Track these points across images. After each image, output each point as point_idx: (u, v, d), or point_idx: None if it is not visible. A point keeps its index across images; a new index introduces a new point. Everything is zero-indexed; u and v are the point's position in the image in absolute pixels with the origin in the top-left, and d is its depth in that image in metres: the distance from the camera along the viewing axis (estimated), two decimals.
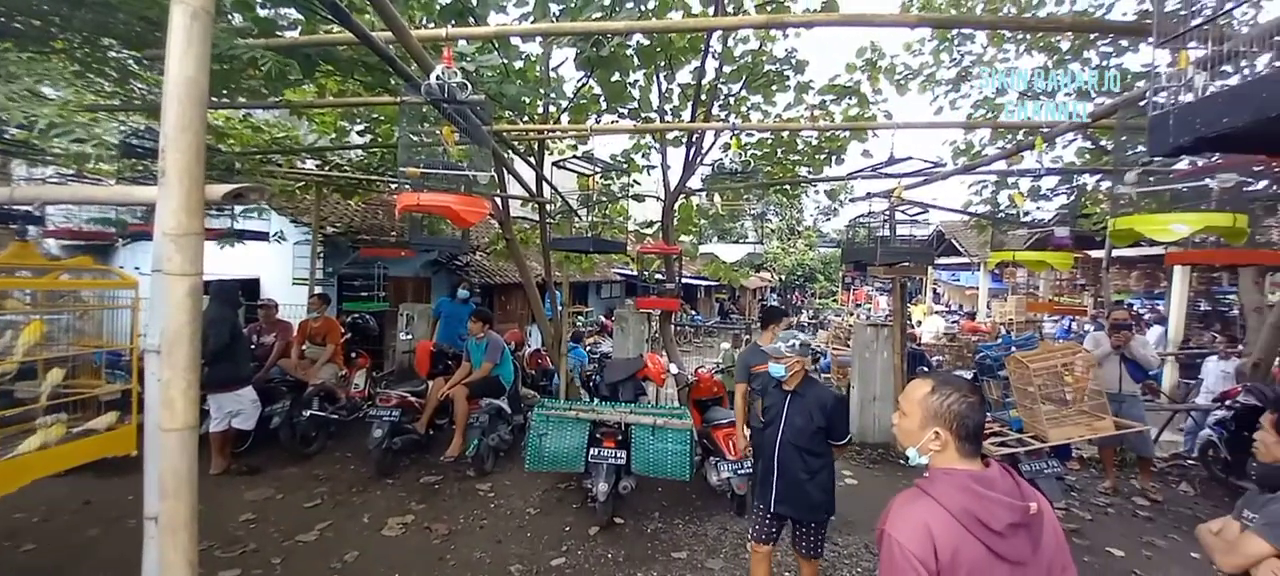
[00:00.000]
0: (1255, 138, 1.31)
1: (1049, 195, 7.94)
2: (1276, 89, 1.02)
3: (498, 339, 5.41)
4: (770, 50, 6.03)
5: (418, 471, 5.19)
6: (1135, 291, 14.03)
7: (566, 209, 6.61)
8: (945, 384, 1.42)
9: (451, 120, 2.67)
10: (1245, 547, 1.80)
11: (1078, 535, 4.43)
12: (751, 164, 6.44)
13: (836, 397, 3.07)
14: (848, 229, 6.68)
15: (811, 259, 30.01)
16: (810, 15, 3.56)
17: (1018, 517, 1.28)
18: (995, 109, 7.97)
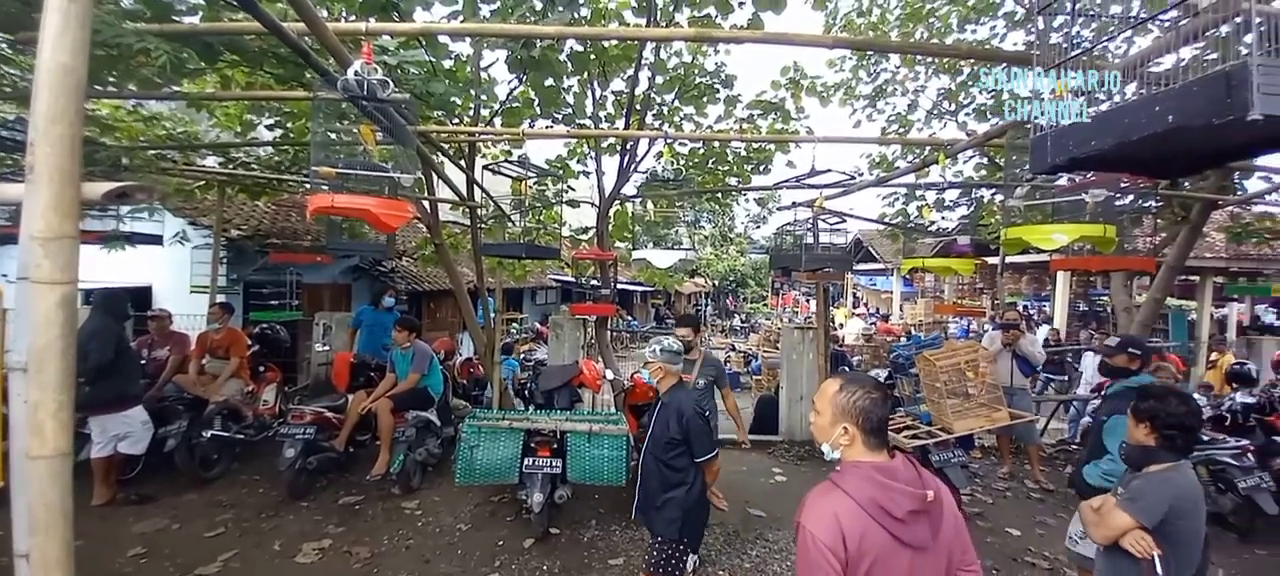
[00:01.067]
0: (1119, 158, 1.49)
1: (952, 206, 8.66)
2: (1135, 116, 1.17)
3: (425, 348, 5.18)
4: (701, 64, 6.21)
5: (336, 492, 4.86)
6: (1026, 294, 15.55)
7: (499, 213, 6.46)
8: (852, 382, 1.52)
9: (372, 118, 2.54)
10: (1112, 520, 2.03)
11: (981, 518, 4.83)
12: (683, 172, 6.58)
13: (694, 409, 2.82)
14: (775, 236, 6.96)
15: (743, 265, 30.99)
16: (737, 32, 3.69)
17: (918, 505, 1.38)
18: (906, 125, 8.62)
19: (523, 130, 4.11)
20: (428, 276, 10.94)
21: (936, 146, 4.52)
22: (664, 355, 2.91)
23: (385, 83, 2.38)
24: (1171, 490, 1.95)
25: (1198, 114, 0.99)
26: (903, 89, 8.71)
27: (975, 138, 4.30)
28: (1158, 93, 1.13)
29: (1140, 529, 1.96)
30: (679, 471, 2.82)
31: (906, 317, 16.84)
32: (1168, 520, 1.93)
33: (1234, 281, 10.43)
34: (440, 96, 4.58)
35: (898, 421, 5.30)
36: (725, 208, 26.11)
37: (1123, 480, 2.18)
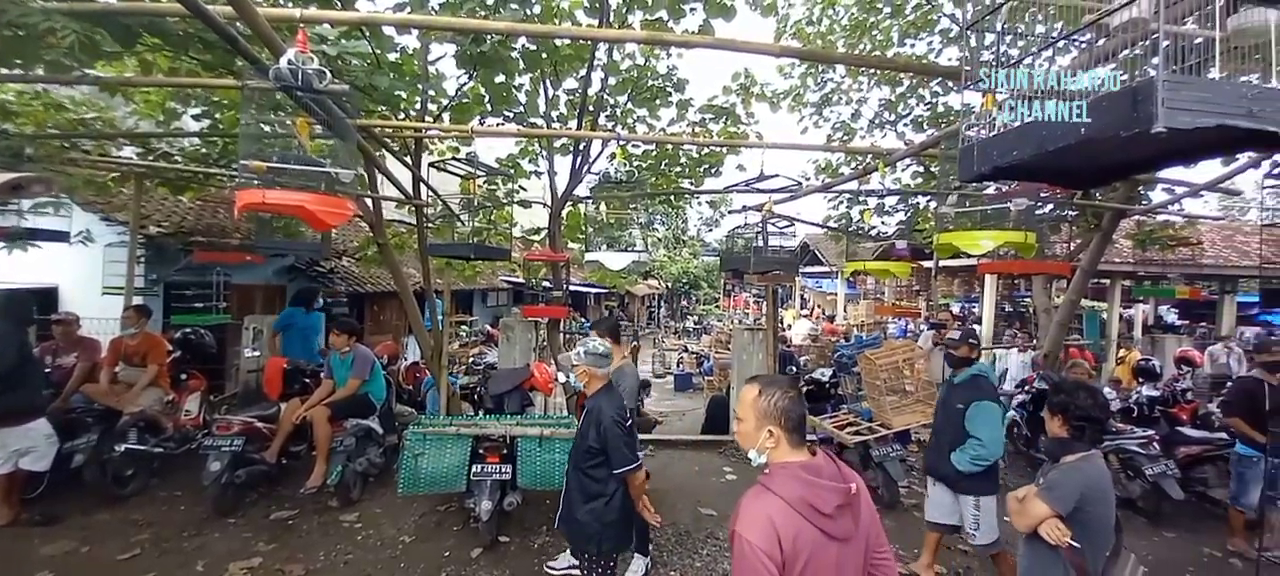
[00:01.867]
0: (1038, 168, 1.60)
1: (891, 212, 9.07)
2: (1054, 128, 1.25)
3: (366, 352, 4.96)
4: (654, 66, 6.26)
5: (268, 507, 4.58)
6: (958, 295, 16.46)
7: (448, 213, 6.28)
8: (770, 384, 1.56)
9: (309, 111, 2.41)
10: (1032, 509, 2.17)
11: (917, 508, 5.06)
12: (636, 174, 6.60)
13: (614, 417, 2.66)
14: (727, 239, 7.09)
15: (696, 267, 31.38)
16: (688, 36, 3.73)
17: (843, 499, 1.44)
18: (850, 133, 8.97)
19: (472, 127, 4.00)
20: (370, 277, 10.50)
21: (877, 154, 4.73)
22: (589, 358, 2.79)
23: (322, 73, 2.27)
24: (1083, 479, 2.10)
25: (1108, 126, 1.07)
26: (847, 98, 9.07)
27: (912, 147, 4.53)
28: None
29: (1056, 517, 2.10)
30: (598, 482, 2.69)
31: (850, 319, 17.51)
32: (1080, 507, 2.08)
33: (1140, 284, 11.40)
34: (384, 90, 4.41)
35: (841, 419, 5.50)
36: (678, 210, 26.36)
37: (1042, 470, 2.33)
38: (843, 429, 5.17)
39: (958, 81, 1.75)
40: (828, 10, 8.38)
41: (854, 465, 5.30)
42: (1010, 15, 1.58)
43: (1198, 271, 11.28)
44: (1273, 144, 1.12)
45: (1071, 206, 6.45)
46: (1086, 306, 12.10)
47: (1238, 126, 1.03)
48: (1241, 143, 1.21)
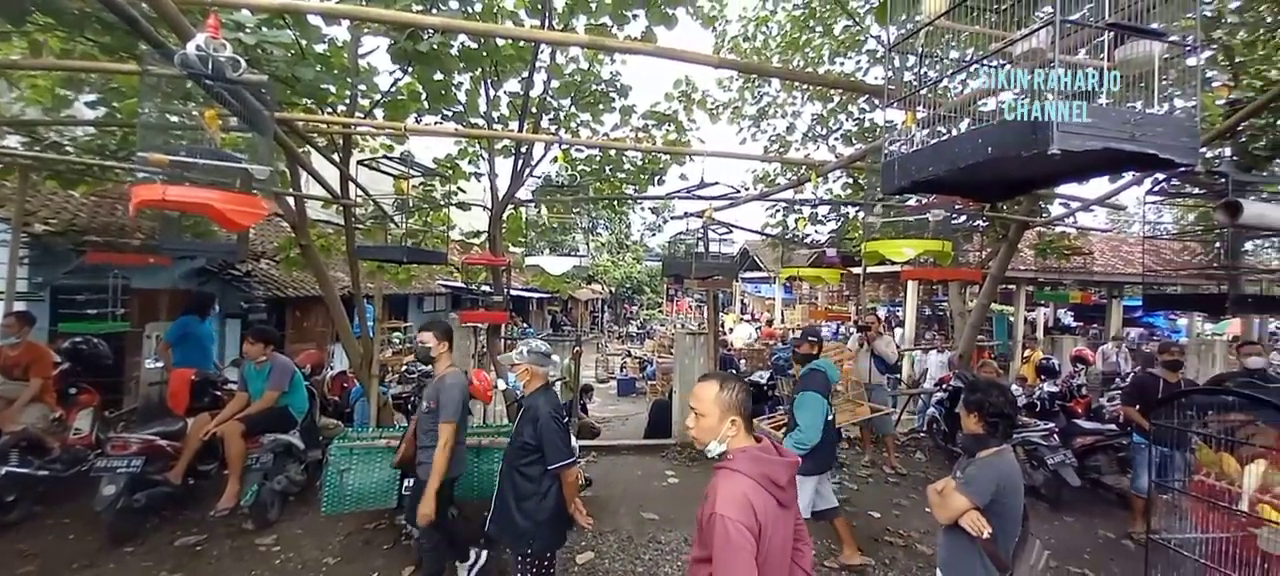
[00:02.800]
0: (952, 183, 1.72)
1: (824, 221, 9.49)
2: (963, 146, 1.35)
3: (285, 362, 4.64)
4: (598, 71, 6.25)
5: (172, 532, 4.19)
6: (884, 300, 17.43)
7: (379, 214, 5.99)
8: (727, 380, 1.70)
9: (221, 101, 2.24)
10: (951, 502, 2.32)
11: (848, 503, 5.29)
12: (579, 178, 6.56)
13: (550, 414, 2.70)
14: (669, 245, 7.17)
15: (639, 272, 31.57)
16: (630, 43, 3.76)
17: (792, 472, 1.67)
18: (785, 145, 9.32)
19: (406, 125, 3.84)
20: (293, 281, 9.85)
21: (810, 166, 4.93)
22: (531, 356, 2.81)
23: (236, 61, 2.11)
24: (997, 472, 2.27)
25: (1011, 146, 1.17)
26: (783, 111, 9.43)
27: (842, 160, 4.76)
28: (981, 127, 1.32)
29: (975, 509, 2.25)
30: (532, 481, 2.69)
31: (787, 323, 18.15)
32: (996, 498, 2.24)
33: (1041, 289, 12.50)
34: (309, 83, 4.18)
35: (778, 419, 5.67)
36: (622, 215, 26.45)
37: (959, 465, 2.49)
38: (779, 429, 5.33)
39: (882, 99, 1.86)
40: (762, 27, 8.69)
41: None
42: (928, 39, 1.69)
43: (1089, 278, 12.51)
44: (1153, 165, 1.26)
45: (982, 218, 7.00)
46: (996, 310, 13.14)
47: (1122, 149, 1.15)
48: (1126, 163, 1.36)
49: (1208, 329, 13.47)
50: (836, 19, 7.89)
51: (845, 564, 4.03)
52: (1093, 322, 15.34)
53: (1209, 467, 2.08)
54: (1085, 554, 4.41)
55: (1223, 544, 1.90)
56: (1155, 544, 1.86)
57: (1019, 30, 1.37)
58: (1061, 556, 4.27)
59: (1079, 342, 9.92)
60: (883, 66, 8.05)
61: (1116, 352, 9.26)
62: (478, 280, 6.76)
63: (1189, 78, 1.27)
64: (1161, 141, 1.15)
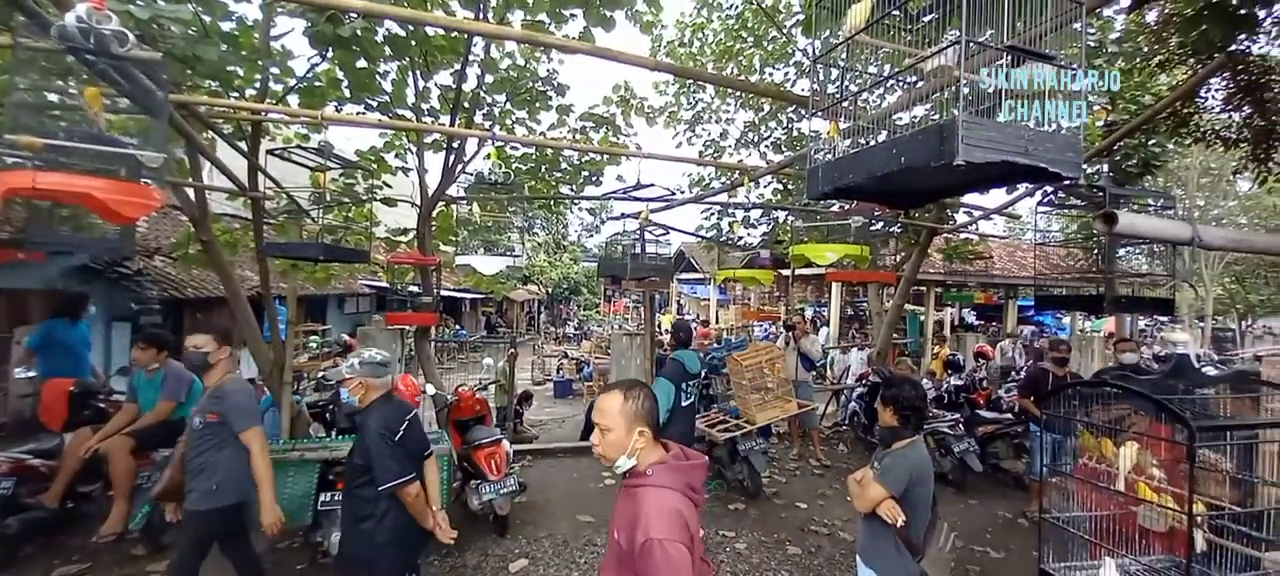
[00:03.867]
0: (870, 190, 1.82)
1: (756, 224, 9.82)
2: (879, 156, 1.44)
3: (181, 369, 4.21)
4: (534, 69, 6.13)
5: (50, 562, 3.70)
6: (811, 301, 18.27)
7: (294, 208, 5.57)
8: (631, 388, 1.60)
9: (108, 80, 2.01)
10: (870, 492, 2.46)
11: (778, 496, 5.50)
12: (513, 176, 6.42)
13: (378, 430, 2.45)
14: (606, 245, 7.16)
15: (577, 272, 31.33)
16: (568, 41, 3.71)
17: (704, 474, 1.66)
18: (719, 150, 9.57)
19: (323, 114, 3.59)
20: (192, 280, 8.99)
21: (743, 171, 5.08)
22: (365, 368, 2.57)
23: (123, 36, 1.90)
24: (910, 463, 2.43)
25: (921, 157, 1.25)
26: (717, 117, 9.69)
27: (772, 166, 4.95)
28: (896, 139, 1.41)
29: (891, 498, 2.40)
30: (367, 502, 2.47)
31: (721, 323, 18.63)
32: (909, 487, 2.40)
33: (948, 291, 13.56)
34: (213, 64, 3.84)
35: (712, 417, 5.81)
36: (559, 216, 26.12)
37: (876, 456, 2.65)
38: (713, 426, 5.46)
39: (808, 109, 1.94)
40: (698, 33, 8.89)
41: (723, 461, 5.63)
42: (850, 54, 1.79)
43: (989, 280, 13.72)
44: (1043, 177, 1.40)
45: (897, 224, 7.49)
46: (909, 310, 14.11)
47: (1017, 161, 1.26)
48: (1020, 175, 1.49)
49: (1088, 326, 15.12)
50: (767, 31, 8.19)
51: None
52: (992, 321, 16.82)
53: (1091, 452, 2.33)
54: (987, 534, 4.81)
55: (1106, 520, 2.12)
56: (1047, 522, 2.05)
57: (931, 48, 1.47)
58: (966, 536, 4.64)
59: (981, 340, 10.83)
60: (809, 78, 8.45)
61: (1013, 348, 10.21)
62: (405, 280, 6.45)
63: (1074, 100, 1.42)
64: (1050, 156, 1.28)
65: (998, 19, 1.31)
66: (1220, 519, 1.96)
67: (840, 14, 1.83)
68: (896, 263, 8.92)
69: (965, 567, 4.16)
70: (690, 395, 4.28)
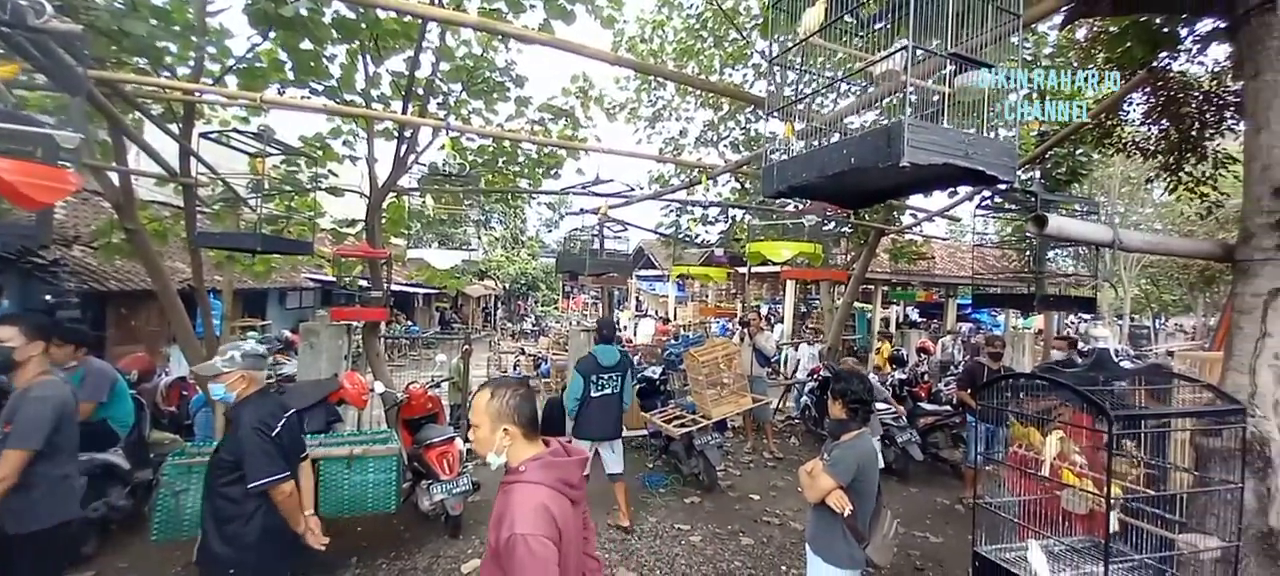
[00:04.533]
0: (820, 189, 1.88)
1: (713, 222, 9.96)
2: (830, 156, 1.48)
3: (103, 367, 3.92)
4: (492, 59, 5.99)
5: None
6: (766, 298, 18.68)
7: (231, 196, 5.26)
8: (500, 386, 1.64)
9: (21, 53, 1.85)
10: (819, 482, 2.55)
11: (732, 488, 5.61)
12: (468, 168, 6.27)
13: (255, 424, 2.33)
14: (565, 241, 7.09)
15: (534, 268, 30.93)
16: (527, 31, 3.65)
17: (583, 470, 1.67)
18: (679, 148, 9.64)
19: (262, 96, 3.40)
20: (116, 272, 8.38)
21: (702, 169, 5.14)
22: (247, 360, 2.44)
23: (39, 6, 1.75)
24: (857, 454, 2.53)
25: (869, 158, 1.30)
26: (677, 115, 9.75)
27: (730, 164, 5.02)
28: (845, 139, 1.46)
29: (839, 488, 2.49)
30: (234, 501, 2.33)
31: (679, 319, 18.80)
32: (856, 477, 2.50)
33: (894, 289, 14.14)
34: (142, 39, 3.59)
35: (669, 412, 5.86)
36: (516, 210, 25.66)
37: (826, 448, 2.74)
38: (670, 422, 5.51)
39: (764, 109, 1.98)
40: (659, 30, 8.91)
41: (679, 455, 5.69)
42: (805, 56, 1.83)
43: (931, 280, 14.38)
44: (981, 180, 1.47)
45: (848, 224, 7.75)
46: (858, 307, 14.64)
47: (958, 164, 1.33)
48: (961, 178, 1.57)
49: (1020, 323, 16.08)
50: (727, 32, 8.30)
51: (616, 524, 4.60)
52: (933, 318, 17.67)
53: (1020, 441, 2.48)
54: (927, 520, 5.06)
55: (1033, 505, 2.27)
56: (980, 507, 2.17)
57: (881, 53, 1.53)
58: (907, 523, 4.86)
59: (923, 336, 11.35)
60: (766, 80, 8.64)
61: (953, 344, 10.75)
62: (352, 274, 6.19)
63: (1009, 109, 1.51)
64: (988, 160, 1.35)
65: (943, 28, 1.37)
66: (1135, 501, 2.12)
67: (796, 17, 1.88)
68: (847, 261, 9.23)
69: (907, 552, 4.36)
70: (604, 387, 4.56)
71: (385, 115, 5.09)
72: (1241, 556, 1.84)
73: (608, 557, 4.16)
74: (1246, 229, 1.95)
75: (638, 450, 6.83)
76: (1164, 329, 24.18)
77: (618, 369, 4.66)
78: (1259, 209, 1.90)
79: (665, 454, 6.07)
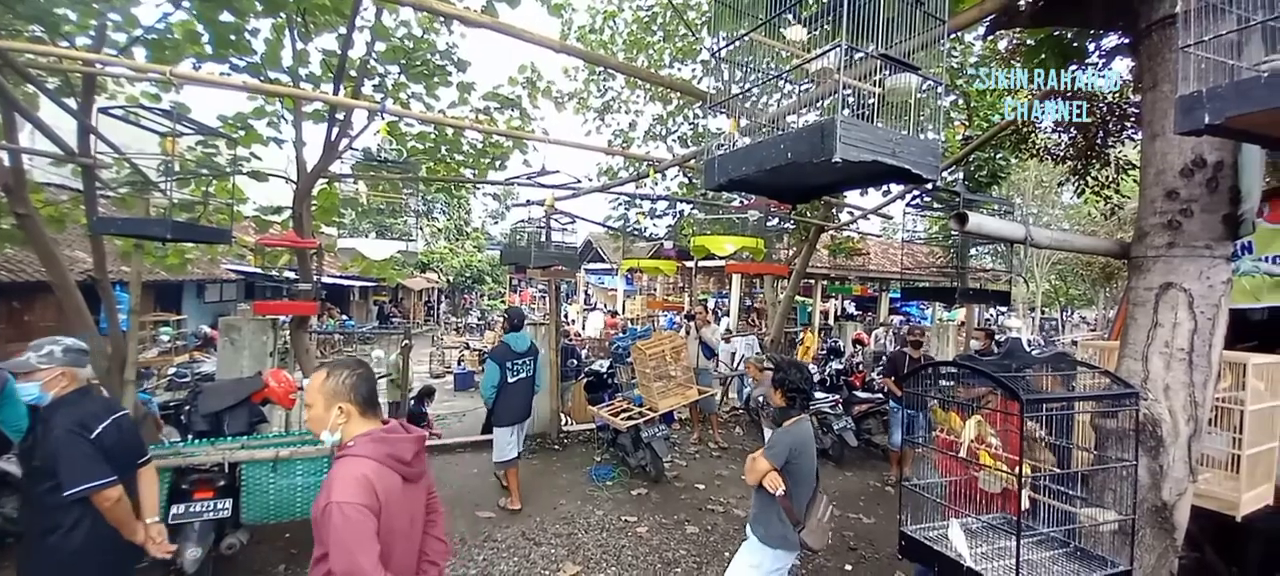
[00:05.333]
0: (762, 184, 1.91)
1: (662, 216, 10.02)
2: (768, 150, 1.51)
3: None
4: (432, 40, 5.75)
5: None
6: (713, 291, 19.02)
7: (139, 179, 4.81)
8: (336, 366, 1.70)
9: None
10: (758, 465, 2.65)
11: (678, 479, 5.68)
12: (405, 155, 6.01)
13: (69, 426, 2.11)
14: (511, 233, 6.94)
15: (480, 261, 30.15)
16: (469, 13, 3.52)
17: (418, 447, 1.72)
18: (628, 141, 9.62)
19: (172, 71, 3.12)
20: (7, 261, 7.54)
21: (650, 162, 5.14)
22: (68, 355, 2.24)
23: None
24: (792, 438, 2.63)
25: (804, 153, 1.34)
26: (627, 108, 9.72)
27: (677, 158, 5.05)
28: (782, 134, 1.49)
29: (775, 470, 2.59)
30: (51, 511, 2.10)
31: (628, 312, 18.85)
32: (791, 460, 2.60)
33: (833, 283, 14.73)
34: (36, 4, 3.23)
35: (616, 405, 5.86)
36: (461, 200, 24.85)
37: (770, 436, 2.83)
38: (617, 415, 5.51)
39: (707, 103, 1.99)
40: (609, 21, 8.84)
41: (626, 448, 5.71)
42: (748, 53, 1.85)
43: (866, 274, 15.06)
44: (907, 178, 1.54)
45: (789, 220, 7.99)
46: (800, 300, 15.16)
47: (886, 162, 1.38)
48: (890, 175, 1.64)
49: (945, 316, 17.14)
50: (677, 27, 8.33)
51: (506, 505, 4.82)
52: (868, 311, 18.54)
53: (942, 424, 2.63)
54: (860, 501, 5.31)
55: (955, 485, 2.41)
56: (905, 488, 2.29)
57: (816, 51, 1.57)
58: (842, 505, 5.09)
59: (858, 328, 11.89)
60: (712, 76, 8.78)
61: (885, 336, 11.31)
62: (278, 264, 5.82)
63: (936, 113, 1.58)
64: (914, 159, 1.42)
65: (874, 32, 1.42)
66: (1040, 479, 2.29)
67: (741, 14, 1.90)
68: (789, 256, 9.52)
69: (842, 533, 4.57)
70: (518, 372, 4.88)
71: (314, 96, 4.79)
72: (1137, 528, 2.02)
73: (554, 553, 4.13)
74: (1141, 228, 2.14)
75: (585, 444, 6.80)
76: (1070, 321, 26.44)
77: (529, 354, 4.96)
78: (1153, 210, 2.08)
79: (613, 447, 6.08)
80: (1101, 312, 22.27)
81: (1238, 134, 1.52)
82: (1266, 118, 1.24)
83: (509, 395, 4.81)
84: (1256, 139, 1.63)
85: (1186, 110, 1.33)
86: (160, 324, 10.67)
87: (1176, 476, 2.05)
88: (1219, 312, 2.01)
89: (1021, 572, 1.81)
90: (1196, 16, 1.37)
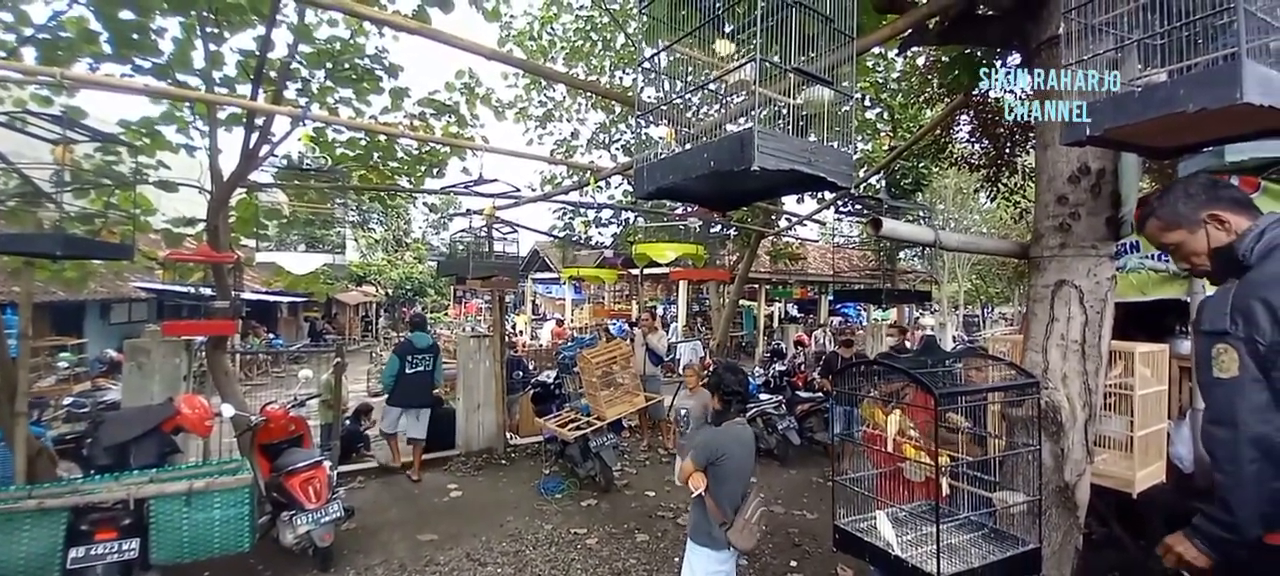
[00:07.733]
0: (691, 192, 1.95)
1: (607, 224, 10.03)
2: (692, 159, 1.55)
3: None
4: (360, 44, 5.53)
5: None
6: (660, 298, 19.19)
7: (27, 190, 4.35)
8: None
9: None
10: (684, 466, 2.73)
11: (628, 487, 5.67)
12: (334, 163, 5.75)
13: None
14: (450, 244, 6.76)
15: (421, 272, 29.11)
16: (398, 17, 3.40)
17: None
18: (571, 149, 9.59)
19: (64, 72, 2.85)
20: None
21: (590, 171, 5.14)
22: None
23: None
24: (719, 439, 2.72)
25: (726, 161, 1.38)
26: (568, 116, 9.69)
27: (617, 166, 5.07)
28: (704, 144, 1.53)
29: (698, 470, 2.66)
30: None
31: (575, 321, 18.71)
32: (717, 460, 2.67)
33: (775, 288, 15.19)
34: None
35: (564, 416, 5.80)
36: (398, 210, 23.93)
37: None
38: (565, 426, 5.45)
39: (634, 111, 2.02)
40: (547, 27, 8.81)
41: (574, 459, 5.64)
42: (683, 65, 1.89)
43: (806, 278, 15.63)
44: (823, 185, 1.61)
45: (731, 227, 8.19)
46: (744, 305, 15.55)
47: (803, 170, 1.45)
48: (807, 183, 1.71)
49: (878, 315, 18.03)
50: (615, 35, 8.40)
51: (412, 475, 5.72)
52: (808, 314, 19.24)
53: (868, 419, 2.76)
54: (804, 498, 5.48)
55: (883, 478, 2.52)
56: (838, 483, 2.38)
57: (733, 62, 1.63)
58: (788, 503, 5.23)
59: (799, 330, 12.31)
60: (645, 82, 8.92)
61: (824, 337, 11.75)
62: (192, 281, 5.41)
63: (847, 122, 1.67)
64: (829, 167, 1.49)
65: (789, 48, 1.49)
66: (959, 467, 2.44)
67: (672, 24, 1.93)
68: (732, 263, 9.74)
69: (787, 530, 4.69)
70: (417, 365, 5.81)
71: (229, 100, 4.51)
72: (1044, 507, 2.19)
73: (500, 572, 4.02)
74: (1037, 231, 2.33)
75: (533, 457, 6.68)
76: (990, 317, 28.37)
77: (429, 350, 5.89)
78: (1047, 213, 2.27)
79: (561, 458, 6.00)
80: (1017, 309, 24.02)
81: (1117, 144, 1.69)
82: (1141, 128, 1.38)
83: (407, 383, 5.71)
84: (1133, 148, 1.81)
85: (1071, 122, 1.46)
86: (57, 349, 9.67)
87: (1076, 458, 2.23)
88: (1106, 306, 2.21)
89: (943, 556, 1.92)
90: (1078, 36, 1.51)
